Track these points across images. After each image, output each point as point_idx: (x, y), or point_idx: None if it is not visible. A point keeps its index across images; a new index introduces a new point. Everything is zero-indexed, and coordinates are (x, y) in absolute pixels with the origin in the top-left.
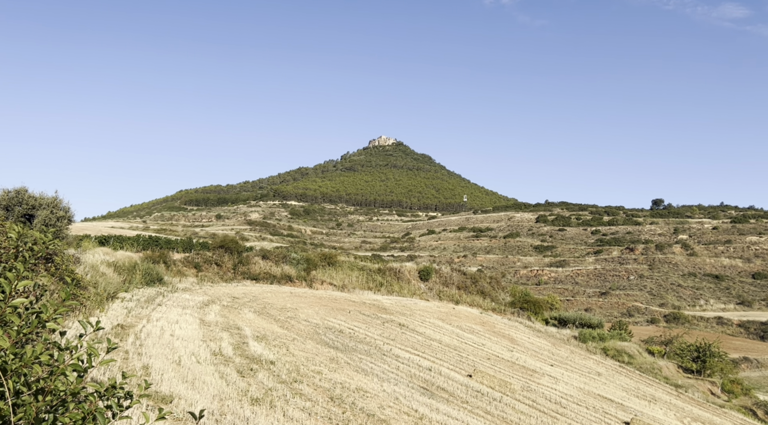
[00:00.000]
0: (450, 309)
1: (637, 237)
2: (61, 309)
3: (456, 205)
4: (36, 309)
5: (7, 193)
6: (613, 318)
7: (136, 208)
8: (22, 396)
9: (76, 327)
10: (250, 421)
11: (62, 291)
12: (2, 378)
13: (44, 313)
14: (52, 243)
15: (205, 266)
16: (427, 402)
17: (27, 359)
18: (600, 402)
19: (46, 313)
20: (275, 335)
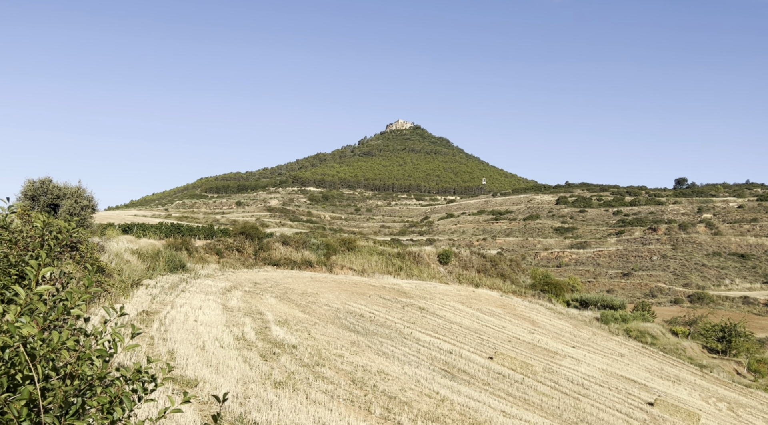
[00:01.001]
0: (470, 293)
1: (659, 217)
2: (85, 296)
3: (475, 188)
4: (61, 296)
5: (32, 183)
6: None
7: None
8: (50, 381)
9: (102, 314)
10: (274, 404)
11: (86, 279)
12: (30, 363)
13: (69, 300)
14: (75, 232)
15: (226, 253)
16: (449, 385)
17: (54, 344)
18: (623, 383)
19: (70, 300)
20: (297, 320)
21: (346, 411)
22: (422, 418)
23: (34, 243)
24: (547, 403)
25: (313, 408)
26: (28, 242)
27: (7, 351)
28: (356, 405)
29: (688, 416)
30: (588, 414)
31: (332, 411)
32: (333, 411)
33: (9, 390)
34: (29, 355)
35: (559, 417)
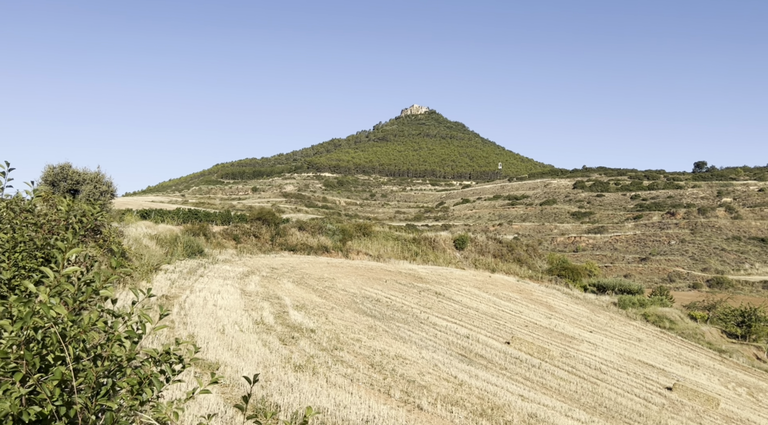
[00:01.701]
0: (486, 278)
1: (678, 202)
2: (112, 277)
3: (490, 173)
4: (89, 277)
5: (52, 169)
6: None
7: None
8: (81, 362)
9: (123, 299)
10: (295, 387)
11: (113, 260)
12: (63, 344)
13: (97, 281)
14: (99, 215)
15: (243, 238)
16: (466, 369)
17: (85, 325)
18: (641, 368)
19: (98, 281)
20: (314, 304)
21: (366, 394)
22: (441, 402)
23: (59, 227)
24: (565, 388)
25: (334, 391)
26: (53, 225)
27: (39, 331)
28: (376, 388)
29: (707, 401)
30: (606, 399)
31: (352, 394)
32: (353, 394)
33: (41, 371)
34: (60, 336)
35: (577, 402)
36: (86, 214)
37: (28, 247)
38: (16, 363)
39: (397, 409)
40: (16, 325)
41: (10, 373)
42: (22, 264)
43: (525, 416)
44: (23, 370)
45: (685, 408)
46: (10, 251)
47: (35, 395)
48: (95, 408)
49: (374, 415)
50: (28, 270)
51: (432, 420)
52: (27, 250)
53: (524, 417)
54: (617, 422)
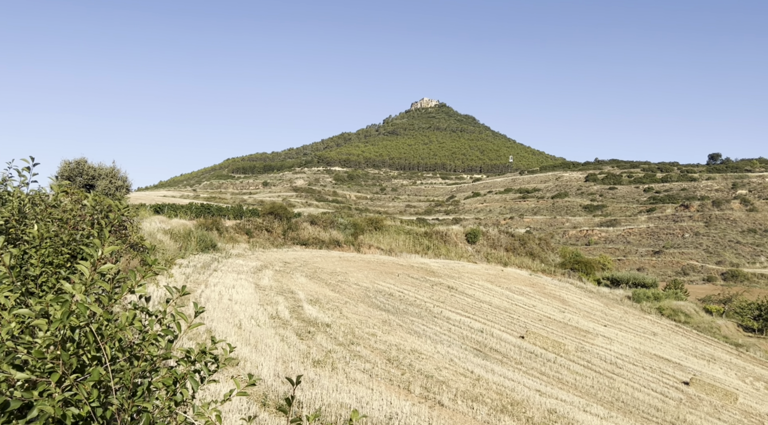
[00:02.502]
0: (498, 271)
1: (692, 194)
2: (148, 275)
3: (501, 167)
4: (124, 275)
5: (68, 164)
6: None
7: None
8: (118, 362)
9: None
10: (315, 383)
11: (147, 258)
12: (100, 343)
13: (132, 279)
14: (126, 210)
15: (256, 232)
16: (482, 364)
17: (122, 324)
18: (657, 362)
19: (133, 279)
20: (328, 298)
21: (386, 390)
22: (461, 397)
23: (84, 222)
24: (581, 382)
25: (354, 387)
26: (78, 221)
27: (76, 331)
28: (395, 384)
29: (725, 395)
30: (623, 394)
31: (372, 390)
32: (373, 390)
33: (76, 371)
34: (98, 335)
35: (594, 396)
36: (113, 209)
37: (54, 243)
38: (53, 363)
39: (419, 405)
40: (53, 325)
41: (47, 374)
42: (49, 260)
43: (544, 412)
44: (59, 371)
45: (703, 402)
46: (38, 247)
47: (72, 396)
48: (132, 409)
49: (396, 412)
50: (55, 267)
51: (454, 417)
52: (53, 246)
53: (544, 412)
54: (635, 417)
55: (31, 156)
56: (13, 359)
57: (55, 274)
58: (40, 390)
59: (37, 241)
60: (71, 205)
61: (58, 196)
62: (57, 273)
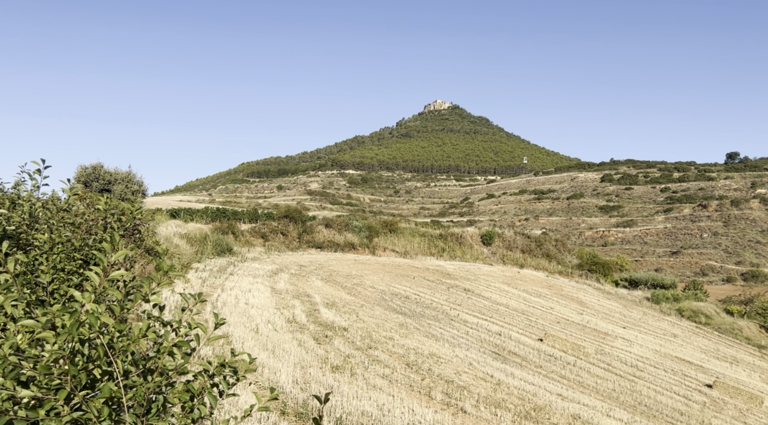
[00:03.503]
0: (515, 273)
1: (710, 194)
2: (164, 282)
3: (516, 168)
4: (136, 282)
5: (85, 170)
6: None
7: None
8: (131, 377)
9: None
10: (335, 389)
11: (162, 264)
12: (111, 357)
13: (146, 287)
14: (139, 214)
15: (271, 236)
16: (501, 367)
17: (134, 336)
18: (678, 365)
19: (147, 287)
20: (344, 302)
21: (407, 396)
22: (484, 403)
23: (97, 227)
24: (603, 386)
25: (374, 393)
26: (91, 225)
27: (86, 344)
28: (415, 389)
29: (750, 398)
30: (645, 397)
31: (393, 396)
32: (394, 396)
33: (86, 387)
34: (109, 348)
35: (616, 400)
36: (125, 213)
37: (66, 249)
38: (60, 379)
39: (441, 413)
40: (60, 338)
41: (54, 391)
42: (60, 266)
43: (568, 417)
44: (68, 387)
45: (728, 406)
46: (48, 253)
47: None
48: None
49: (419, 420)
50: (67, 273)
51: (478, 424)
52: (65, 252)
53: (568, 418)
54: (659, 421)
55: (42, 158)
56: (17, 375)
57: (66, 281)
58: (46, 408)
59: (47, 247)
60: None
61: (71, 199)
62: (69, 280)
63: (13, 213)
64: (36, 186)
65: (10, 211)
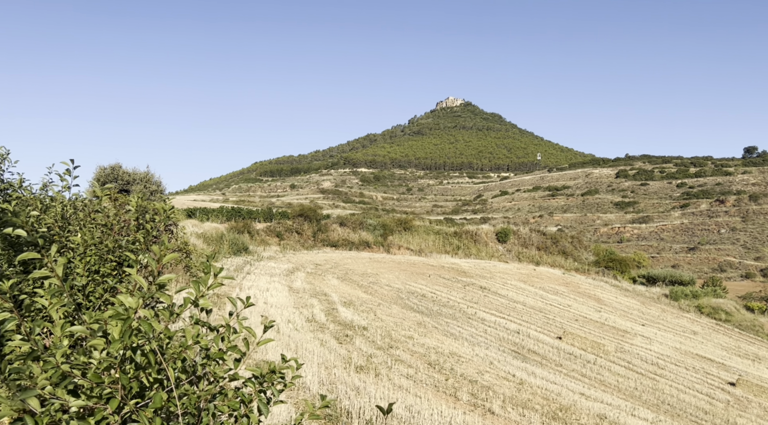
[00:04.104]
0: (531, 271)
1: (727, 189)
2: (214, 286)
3: (529, 164)
4: (184, 286)
5: (104, 170)
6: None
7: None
8: (181, 384)
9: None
10: (361, 391)
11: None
12: (164, 364)
13: (194, 291)
14: (172, 213)
15: (286, 235)
16: (522, 366)
17: (185, 343)
18: (699, 362)
19: (196, 291)
20: (361, 300)
21: (433, 397)
22: (510, 404)
23: (130, 227)
24: (624, 384)
25: (401, 394)
26: (123, 226)
27: (138, 352)
28: (441, 390)
29: None
30: (668, 396)
31: (420, 397)
32: (420, 397)
33: (136, 396)
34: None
35: (639, 399)
36: (158, 213)
37: (99, 250)
38: (111, 387)
39: (470, 414)
40: (113, 346)
41: (105, 400)
42: (95, 268)
43: (595, 417)
44: (118, 396)
45: (752, 404)
46: (83, 255)
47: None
48: None
49: (449, 421)
50: (102, 276)
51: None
52: (98, 253)
53: (594, 418)
54: (684, 421)
55: (71, 158)
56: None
57: (101, 284)
58: (97, 418)
59: (82, 249)
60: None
61: (102, 200)
62: (104, 283)
63: (45, 215)
64: (66, 186)
65: (42, 213)
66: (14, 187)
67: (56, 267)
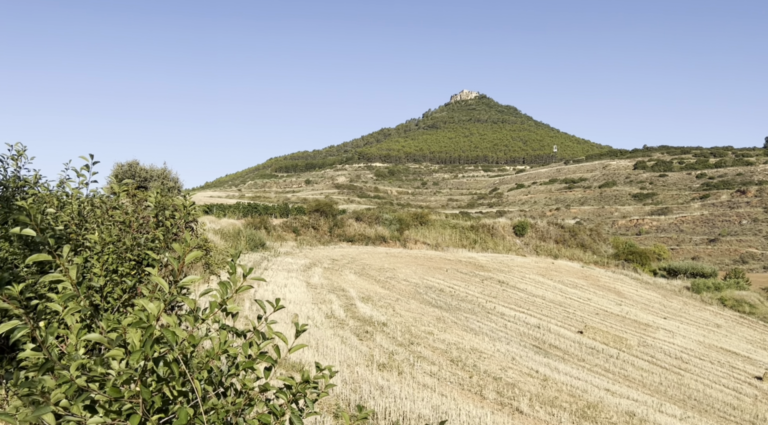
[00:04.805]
0: (549, 264)
1: (749, 179)
2: (244, 288)
3: (545, 157)
4: (210, 289)
5: (121, 167)
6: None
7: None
8: (208, 398)
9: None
10: (385, 390)
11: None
12: (189, 376)
13: (220, 292)
14: (193, 209)
15: (302, 230)
16: (544, 362)
17: (213, 352)
18: (724, 356)
19: (222, 293)
20: (379, 296)
21: (459, 396)
22: (538, 402)
23: (149, 224)
24: (649, 379)
25: (426, 393)
26: (142, 223)
27: (160, 363)
28: (466, 388)
29: None
30: (694, 391)
31: (446, 396)
32: (446, 396)
33: (159, 411)
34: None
35: (664, 394)
36: (179, 209)
37: (117, 249)
38: (131, 402)
39: (498, 413)
40: (133, 357)
41: (125, 416)
42: (113, 267)
43: (623, 414)
44: (140, 411)
45: None
46: (100, 254)
47: None
48: None
49: (478, 422)
50: (120, 275)
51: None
52: (116, 252)
53: (623, 416)
54: (712, 416)
55: (90, 153)
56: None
57: (120, 284)
58: None
59: (99, 247)
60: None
61: (120, 196)
62: (123, 283)
63: (62, 212)
64: (84, 183)
65: (59, 210)
66: (30, 183)
67: (70, 269)
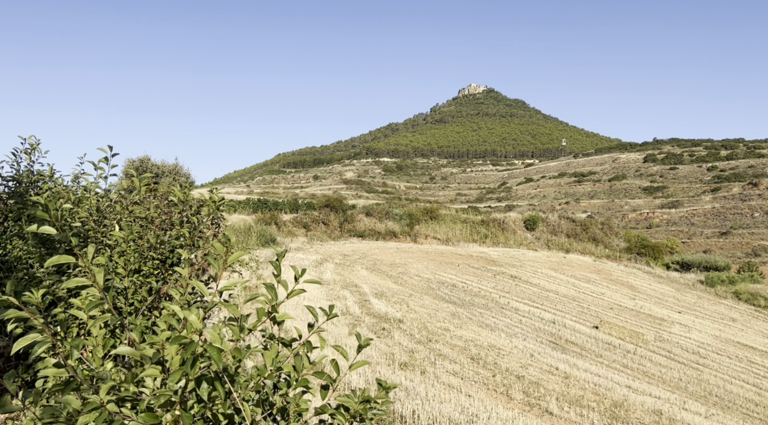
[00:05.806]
0: (561, 259)
1: (761, 171)
2: (294, 294)
3: (554, 150)
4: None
5: (132, 162)
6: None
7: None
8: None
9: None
10: (411, 391)
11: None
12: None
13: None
14: (221, 204)
15: (313, 225)
16: (562, 358)
17: (264, 370)
18: (742, 351)
19: (271, 299)
20: (392, 291)
21: (486, 397)
22: (566, 402)
23: (173, 220)
24: (668, 375)
25: (451, 394)
26: (164, 219)
27: (202, 382)
28: (491, 388)
29: None
30: (714, 386)
31: (472, 397)
32: (473, 397)
33: None
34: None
35: (685, 391)
36: (205, 204)
37: (139, 247)
38: None
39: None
40: (172, 377)
41: None
42: (136, 267)
43: (651, 413)
44: None
45: None
46: (122, 252)
47: None
48: None
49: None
50: (144, 276)
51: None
52: (138, 250)
53: (650, 414)
54: (735, 413)
55: (109, 145)
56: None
57: (144, 285)
58: None
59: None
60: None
61: (142, 191)
62: (147, 284)
63: (79, 207)
64: (102, 176)
65: (76, 205)
66: (45, 178)
67: (96, 273)
